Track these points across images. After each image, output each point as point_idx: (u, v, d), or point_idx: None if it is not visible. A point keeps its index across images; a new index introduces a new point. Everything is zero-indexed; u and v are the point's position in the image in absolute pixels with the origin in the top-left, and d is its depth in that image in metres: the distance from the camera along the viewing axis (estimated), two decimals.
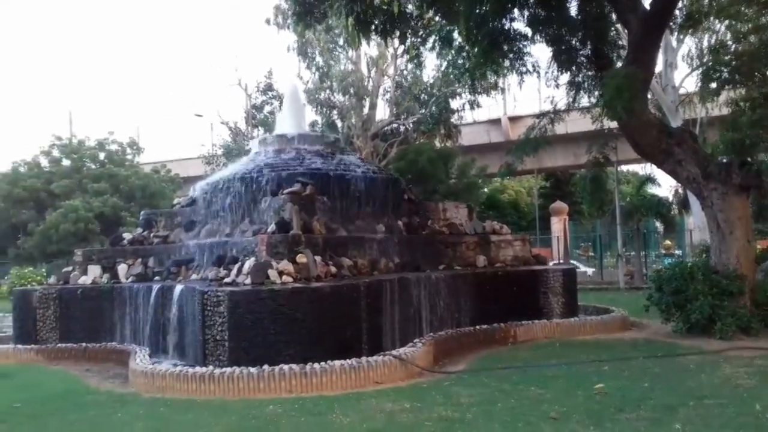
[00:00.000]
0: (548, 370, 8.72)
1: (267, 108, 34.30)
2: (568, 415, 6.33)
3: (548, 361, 9.44)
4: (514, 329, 11.70)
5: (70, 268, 13.19)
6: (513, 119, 39.05)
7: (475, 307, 11.93)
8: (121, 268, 12.37)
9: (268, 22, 28.91)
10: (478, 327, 11.52)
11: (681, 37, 23.46)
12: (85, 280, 12.40)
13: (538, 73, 13.79)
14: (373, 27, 12.56)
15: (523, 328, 11.80)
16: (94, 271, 12.49)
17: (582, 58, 13.56)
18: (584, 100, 15.12)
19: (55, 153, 40.08)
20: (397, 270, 11.55)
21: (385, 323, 9.91)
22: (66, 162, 39.46)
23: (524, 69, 13.44)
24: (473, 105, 28.19)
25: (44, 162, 40.03)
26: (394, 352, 9.02)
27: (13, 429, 6.63)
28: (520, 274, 13.16)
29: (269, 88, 34.16)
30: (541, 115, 16.99)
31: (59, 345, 11.62)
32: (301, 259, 9.86)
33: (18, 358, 11.43)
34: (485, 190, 39.51)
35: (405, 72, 30.30)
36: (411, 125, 30.32)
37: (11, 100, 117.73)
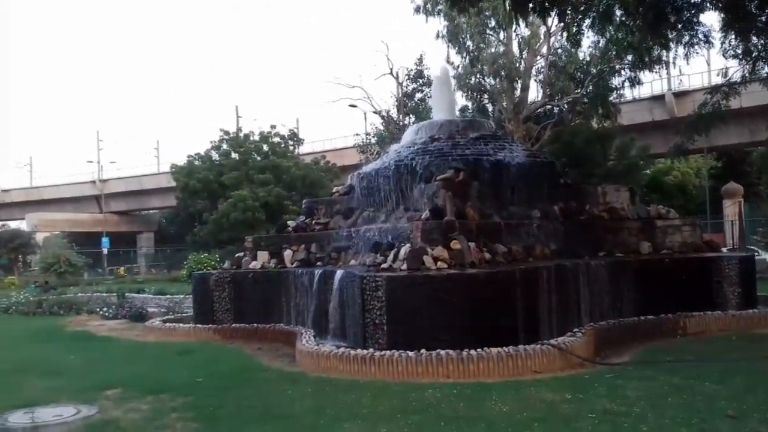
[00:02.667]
0: (725, 366, 8.06)
1: (418, 95, 34.57)
2: (748, 413, 5.84)
3: (724, 356, 8.73)
4: (684, 320, 10.94)
5: (241, 254, 14.20)
6: (678, 95, 36.24)
7: (638, 296, 11.29)
8: (287, 254, 13.12)
9: (417, 10, 29.07)
10: (642, 317, 10.90)
11: None
12: (255, 264, 13.30)
13: (711, 43, 12.69)
14: (530, 6, 12.18)
15: (694, 320, 11.00)
16: (263, 256, 13.35)
17: (760, 24, 12.28)
18: (763, 71, 13.69)
19: (224, 147, 43.28)
20: (554, 257, 11.23)
21: (541, 311, 9.70)
22: (234, 155, 42.49)
23: (695, 40, 12.42)
24: (634, 82, 26.50)
25: (215, 155, 43.39)
26: (552, 341, 8.80)
27: (198, 401, 7.28)
28: (690, 262, 12.27)
29: (419, 75, 34.39)
30: (713, 89, 15.62)
31: (233, 325, 12.57)
32: (455, 245, 9.90)
33: (198, 336, 12.53)
34: (647, 171, 37.09)
35: (559, 51, 29.18)
36: (565, 106, 29.17)
37: (188, 98, 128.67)
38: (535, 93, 30.56)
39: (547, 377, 7.84)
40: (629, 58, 15.18)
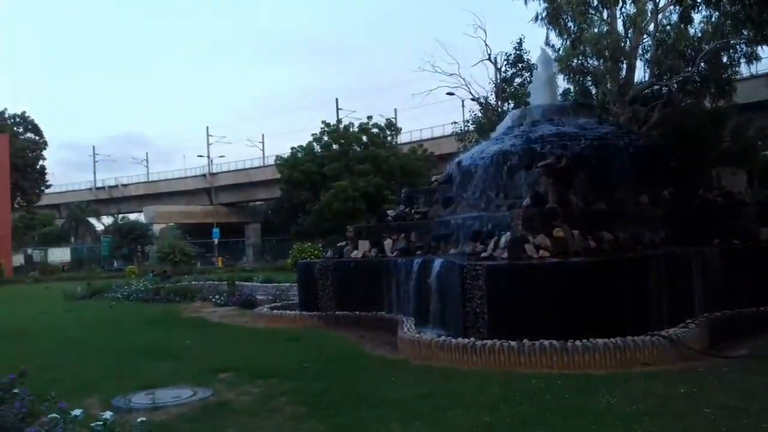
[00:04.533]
0: None
1: (517, 80, 33.83)
2: None
3: None
4: None
5: (343, 243, 14.53)
6: None
7: (757, 285, 10.57)
8: (387, 243, 13.29)
9: None
10: (762, 307, 10.21)
11: None
12: (357, 254, 13.57)
13: None
14: None
15: None
16: (364, 245, 13.60)
17: None
18: None
19: (325, 139, 44.27)
20: (664, 244, 10.73)
21: (650, 301, 9.29)
22: (334, 146, 43.41)
23: None
24: (751, 57, 24.75)
25: (317, 147, 44.49)
26: (663, 332, 8.42)
27: (305, 386, 7.55)
28: None
29: (519, 59, 33.60)
30: None
31: (337, 312, 12.89)
32: (557, 233, 9.67)
33: (304, 323, 12.96)
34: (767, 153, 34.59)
35: (667, 28, 27.65)
36: (675, 86, 27.61)
37: (290, 92, 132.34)
38: (641, 73, 29.11)
39: (657, 370, 7.53)
40: (746, 32, 14.15)
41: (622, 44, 28.29)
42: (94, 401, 6.85)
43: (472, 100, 35.31)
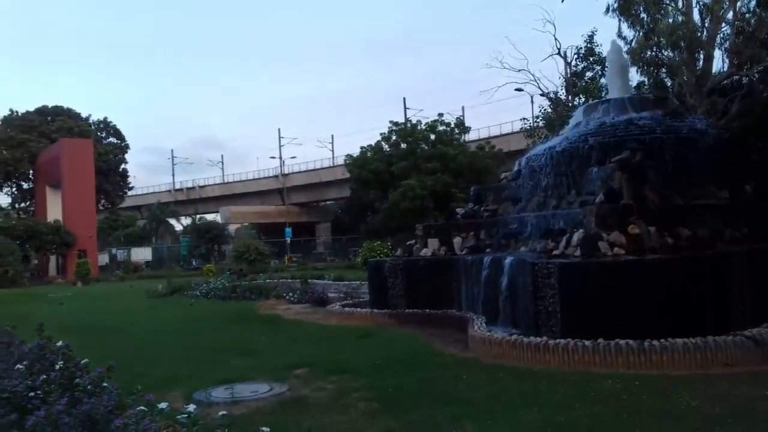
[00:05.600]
0: None
1: (588, 74, 32.98)
2: None
3: None
4: None
5: (412, 241, 14.60)
6: None
7: None
8: (456, 241, 13.28)
9: None
10: None
11: None
12: (426, 252, 13.62)
13: None
14: None
15: None
16: (433, 243, 13.63)
17: None
18: None
19: (394, 137, 44.47)
20: (746, 241, 10.28)
21: (732, 300, 8.93)
22: (403, 145, 43.55)
23: None
24: None
25: (385, 146, 44.75)
26: (746, 332, 8.08)
27: (378, 382, 7.66)
28: None
29: (590, 53, 32.73)
30: None
31: (407, 310, 12.98)
32: (633, 230, 9.43)
33: (374, 321, 13.11)
34: None
35: (747, 15, 26.36)
36: (756, 75, 26.29)
37: (359, 92, 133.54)
38: (719, 63, 27.86)
39: (740, 371, 7.26)
40: None
41: (699, 34, 27.18)
42: (176, 395, 7.18)
43: (542, 95, 34.68)
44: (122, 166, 65.69)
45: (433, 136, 43.08)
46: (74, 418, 4.15)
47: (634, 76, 27.99)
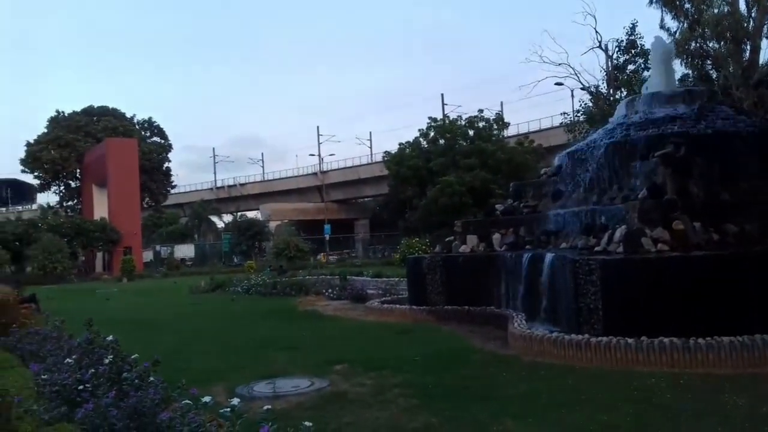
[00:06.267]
0: None
1: (630, 67, 32.34)
2: None
3: None
4: None
5: (451, 238, 14.55)
6: None
7: None
8: (495, 238, 13.19)
9: None
10: None
11: None
12: (465, 248, 13.56)
13: None
14: None
15: None
16: (472, 240, 13.56)
17: None
18: None
19: (432, 134, 44.38)
20: None
21: None
22: (441, 141, 43.43)
23: None
24: None
25: (423, 143, 44.69)
26: None
27: (417, 379, 7.68)
28: None
29: (632, 45, 32.08)
30: None
31: (446, 307, 12.94)
32: (677, 226, 9.23)
33: (413, 317, 13.12)
34: None
35: None
36: None
37: (396, 89, 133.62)
38: (766, 55, 27.03)
39: None
40: None
41: (745, 24, 26.41)
42: (218, 389, 7.31)
43: (582, 89, 34.18)
44: (165, 164, 67.02)
45: (471, 132, 42.85)
46: (122, 411, 4.27)
47: (679, 68, 27.35)
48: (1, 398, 4.51)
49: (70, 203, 63.21)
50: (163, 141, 68.54)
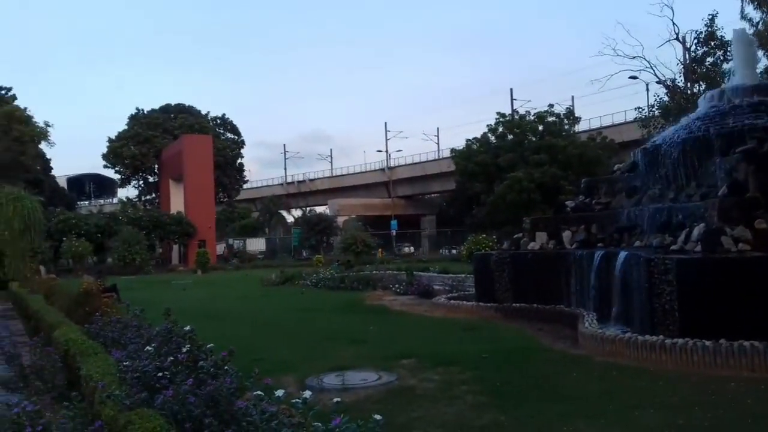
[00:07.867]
0: None
1: (708, 60, 30.99)
2: None
3: None
4: None
5: (519, 235, 14.37)
6: None
7: None
8: (566, 235, 12.95)
9: None
10: None
11: None
12: (534, 245, 13.38)
13: None
14: None
15: None
16: (541, 237, 13.36)
17: None
18: None
19: (500, 129, 43.82)
20: None
21: None
22: (509, 137, 42.85)
23: None
24: None
25: (491, 138, 44.19)
26: None
27: (485, 375, 7.65)
28: None
29: (711, 37, 30.72)
30: None
31: (513, 304, 12.81)
32: (759, 224, 8.85)
33: (480, 314, 13.05)
34: None
35: None
36: None
37: (464, 85, 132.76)
38: None
39: None
40: None
41: None
42: (289, 380, 7.49)
43: (658, 83, 33.04)
44: (239, 160, 68.76)
45: (540, 128, 42.06)
46: (199, 398, 4.44)
47: (762, 60, 26.07)
48: (86, 383, 4.75)
49: (148, 197, 65.83)
50: (236, 137, 70.31)
